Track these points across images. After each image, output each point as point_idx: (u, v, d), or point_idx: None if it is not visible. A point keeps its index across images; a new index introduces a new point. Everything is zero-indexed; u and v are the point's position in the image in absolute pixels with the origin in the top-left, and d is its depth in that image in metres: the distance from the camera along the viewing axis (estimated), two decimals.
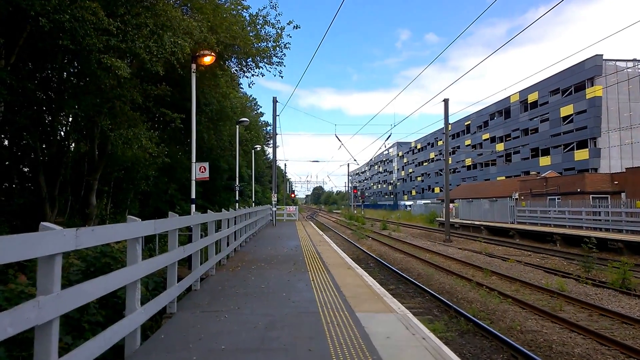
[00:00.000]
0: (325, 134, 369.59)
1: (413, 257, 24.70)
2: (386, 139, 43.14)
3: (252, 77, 24.18)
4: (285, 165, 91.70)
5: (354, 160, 53.21)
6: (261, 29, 21.95)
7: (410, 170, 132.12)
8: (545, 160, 66.24)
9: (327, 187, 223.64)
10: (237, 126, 30.51)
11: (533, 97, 69.22)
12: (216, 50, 17.28)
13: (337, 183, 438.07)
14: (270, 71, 23.52)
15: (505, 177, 72.36)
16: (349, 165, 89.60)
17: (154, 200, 26.45)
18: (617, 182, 39.54)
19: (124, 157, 18.23)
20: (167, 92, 18.31)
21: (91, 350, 4.18)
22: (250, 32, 21.27)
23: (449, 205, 37.84)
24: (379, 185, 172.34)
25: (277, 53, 22.51)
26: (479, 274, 19.05)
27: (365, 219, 62.22)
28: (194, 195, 15.09)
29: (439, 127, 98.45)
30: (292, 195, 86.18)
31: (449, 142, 36.57)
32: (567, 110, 61.94)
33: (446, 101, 34.63)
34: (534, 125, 69.48)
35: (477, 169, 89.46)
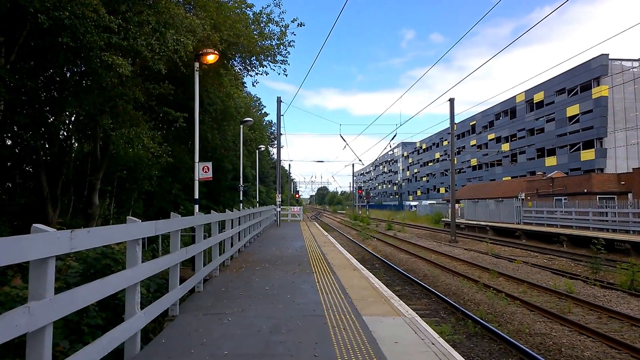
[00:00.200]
0: (329, 135, 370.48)
1: (419, 258, 24.57)
2: (391, 139, 42.94)
3: (256, 75, 24.05)
4: (289, 165, 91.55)
5: (359, 160, 52.97)
6: (265, 27, 21.85)
7: (415, 170, 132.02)
8: (551, 161, 66.01)
9: (332, 188, 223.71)
10: (241, 126, 30.42)
11: (539, 97, 69.00)
12: (219, 49, 17.16)
13: (341, 183, 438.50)
14: (275, 69, 23.39)
15: (510, 178, 72.17)
16: (353, 165, 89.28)
17: (158, 200, 26.39)
18: (623, 182, 39.38)
19: (126, 156, 18.11)
20: (170, 91, 18.15)
21: (89, 356, 4.02)
22: (254, 31, 21.12)
23: (455, 206, 37.63)
24: (384, 185, 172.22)
25: (282, 51, 22.40)
26: (486, 275, 18.88)
27: (370, 220, 61.97)
28: (197, 196, 14.94)
29: (444, 127, 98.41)
30: (297, 195, 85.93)
31: (454, 142, 36.34)
32: (573, 110, 61.75)
33: (452, 100, 34.45)
34: (539, 125, 69.27)
35: (482, 169, 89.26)
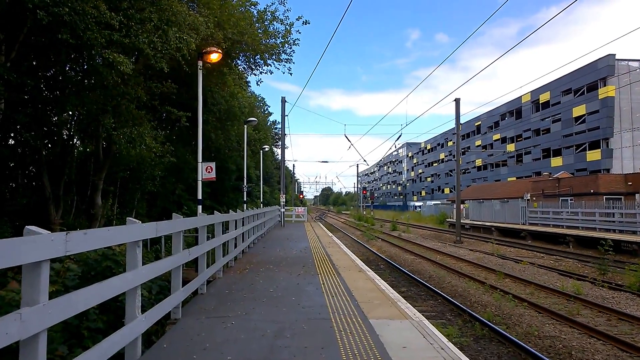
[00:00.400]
0: (334, 135, 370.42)
1: (424, 259, 24.43)
2: (397, 139, 42.76)
3: (261, 74, 23.94)
4: (293, 166, 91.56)
5: (364, 161, 53.00)
6: (269, 25, 21.63)
7: (420, 170, 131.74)
8: (556, 161, 65.67)
9: (336, 188, 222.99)
10: (245, 126, 30.29)
11: (545, 97, 68.64)
12: (223, 47, 16.96)
13: (345, 184, 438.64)
14: (279, 68, 23.22)
15: (516, 178, 71.83)
16: (358, 165, 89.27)
17: (161, 200, 26.29)
18: (631, 182, 39.15)
19: (128, 156, 17.94)
20: (173, 90, 17.97)
21: None
22: (259, 29, 20.95)
23: (460, 206, 37.43)
24: (388, 186, 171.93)
25: (286, 49, 22.21)
26: (492, 276, 18.70)
27: (374, 220, 61.92)
28: (200, 196, 14.80)
29: (448, 128, 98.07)
30: (301, 196, 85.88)
31: (460, 142, 36.15)
32: (579, 110, 61.42)
33: (457, 100, 34.24)
34: (545, 126, 68.94)
35: (487, 170, 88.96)
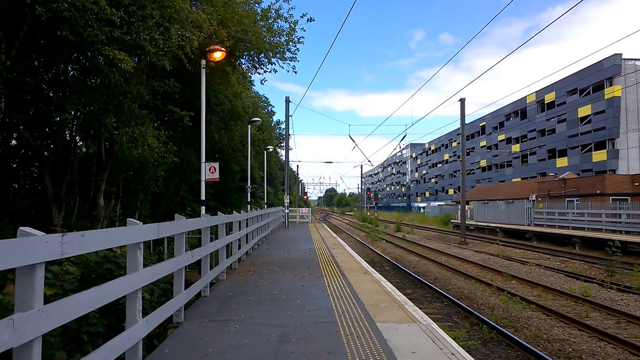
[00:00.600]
0: (338, 135, 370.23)
1: (429, 260, 24.27)
2: (401, 140, 42.60)
3: (265, 73, 23.73)
4: (297, 166, 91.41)
5: (368, 161, 52.65)
6: (273, 23, 21.44)
7: (423, 171, 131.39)
8: (562, 162, 65.28)
9: (340, 189, 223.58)
10: (249, 126, 30.13)
11: (550, 97, 68.20)
12: (227, 45, 16.78)
13: (349, 185, 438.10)
14: (284, 67, 23.07)
15: (521, 179, 71.49)
16: (362, 166, 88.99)
17: (164, 201, 26.17)
18: (637, 183, 38.85)
19: (131, 157, 17.75)
20: (175, 89, 17.76)
21: None
22: (263, 27, 20.77)
23: (465, 207, 37.24)
24: (392, 187, 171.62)
25: (291, 48, 22.03)
26: (498, 278, 18.53)
27: (378, 221, 61.73)
28: (204, 197, 14.67)
29: (453, 129, 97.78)
30: (305, 197, 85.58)
31: (465, 142, 35.95)
32: (585, 110, 60.97)
33: (462, 100, 34.08)
34: (550, 126, 68.51)
35: (492, 171, 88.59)
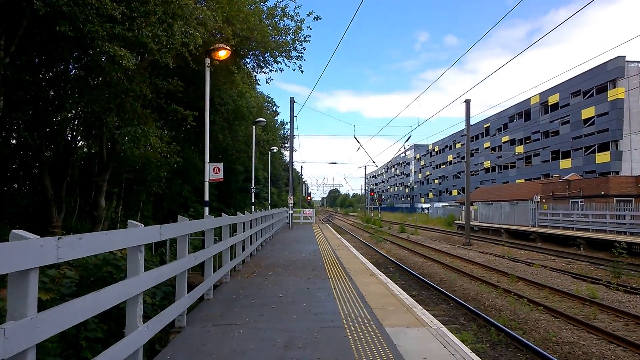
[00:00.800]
0: (342, 136, 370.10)
1: (434, 261, 24.11)
2: (406, 141, 42.46)
3: (270, 72, 23.50)
4: (301, 167, 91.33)
5: (373, 162, 52.53)
6: (279, 22, 21.22)
7: (427, 172, 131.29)
8: (565, 163, 65.22)
9: (343, 190, 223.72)
10: (254, 127, 29.96)
11: (554, 99, 68.20)
12: (232, 44, 16.54)
13: (353, 185, 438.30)
14: (290, 66, 22.79)
15: (524, 180, 71.39)
16: (366, 167, 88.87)
17: (167, 202, 26.01)
18: None
19: (133, 157, 17.52)
20: (179, 88, 17.53)
21: None
22: (269, 26, 20.57)
23: (469, 208, 37.08)
24: (396, 187, 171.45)
25: (297, 47, 21.83)
26: (504, 279, 18.36)
27: (382, 222, 61.58)
28: (207, 198, 14.47)
29: (456, 130, 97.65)
30: (308, 197, 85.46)
31: (470, 143, 35.78)
32: (588, 112, 61.00)
33: (468, 102, 33.94)
34: (554, 128, 68.51)
35: (496, 172, 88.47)
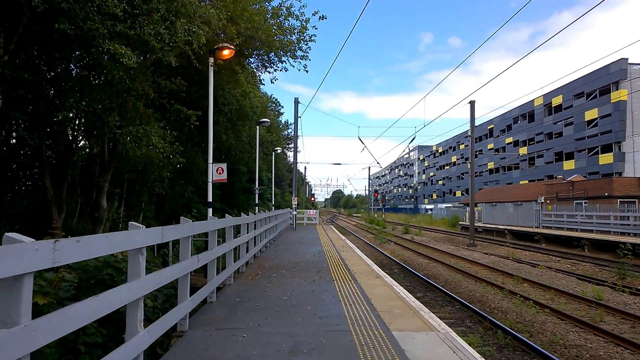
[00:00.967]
0: (346, 137, 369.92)
1: (438, 262, 24.01)
2: (410, 142, 42.30)
3: (275, 72, 23.40)
4: (305, 168, 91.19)
5: (377, 163, 52.32)
6: (284, 21, 21.15)
7: (431, 173, 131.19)
8: (569, 164, 65.15)
9: (347, 191, 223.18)
10: (258, 127, 29.83)
11: (557, 100, 68.14)
12: (236, 43, 16.37)
13: (356, 186, 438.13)
14: (295, 65, 22.72)
15: (528, 181, 71.27)
16: (369, 168, 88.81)
17: (170, 203, 25.88)
18: None
19: (135, 157, 17.34)
20: (182, 87, 17.32)
21: None
22: (273, 25, 20.44)
23: (473, 209, 36.92)
24: (399, 188, 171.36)
25: (302, 46, 21.71)
26: (509, 280, 18.25)
27: (386, 223, 61.47)
28: (210, 198, 14.36)
29: (460, 131, 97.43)
30: (312, 198, 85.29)
31: (474, 145, 35.64)
32: (591, 114, 60.97)
33: (472, 103, 33.80)
34: (558, 129, 68.41)
35: (499, 173, 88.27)
